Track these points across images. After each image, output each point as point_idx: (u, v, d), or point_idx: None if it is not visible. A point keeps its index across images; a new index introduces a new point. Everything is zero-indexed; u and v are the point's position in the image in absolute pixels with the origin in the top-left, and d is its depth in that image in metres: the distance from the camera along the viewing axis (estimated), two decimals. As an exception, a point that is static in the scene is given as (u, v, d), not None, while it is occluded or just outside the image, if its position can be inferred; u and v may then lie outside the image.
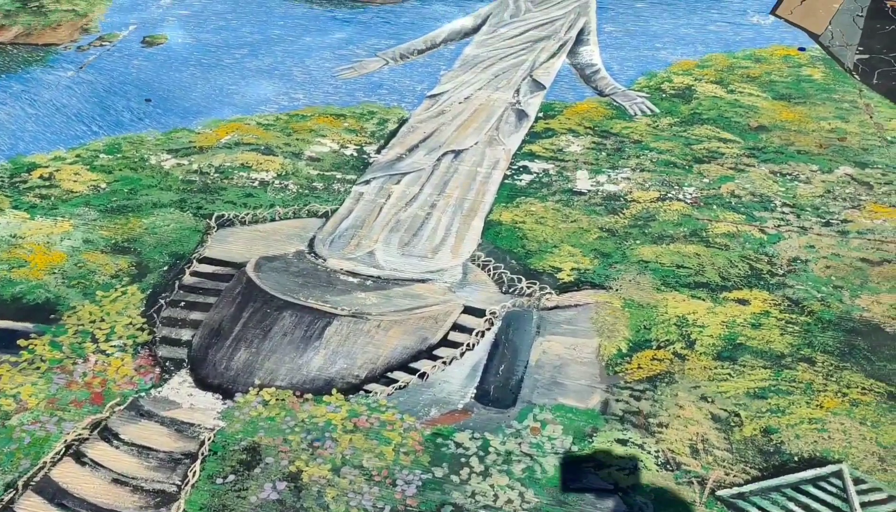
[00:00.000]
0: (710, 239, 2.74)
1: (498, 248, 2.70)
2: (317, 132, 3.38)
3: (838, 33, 4.27)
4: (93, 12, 4.46)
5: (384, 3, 4.67)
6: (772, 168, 3.14)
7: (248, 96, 3.65)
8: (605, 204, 2.92)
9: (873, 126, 3.42)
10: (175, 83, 3.75)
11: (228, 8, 4.55)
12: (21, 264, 2.59)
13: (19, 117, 3.45)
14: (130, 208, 2.88)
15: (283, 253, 2.66)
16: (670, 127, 3.42)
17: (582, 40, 4.19)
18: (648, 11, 4.53)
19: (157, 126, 3.41)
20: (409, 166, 3.13)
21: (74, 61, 3.94)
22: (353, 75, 3.86)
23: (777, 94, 3.67)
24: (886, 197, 2.96)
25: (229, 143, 3.29)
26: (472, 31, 4.31)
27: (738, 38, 4.23)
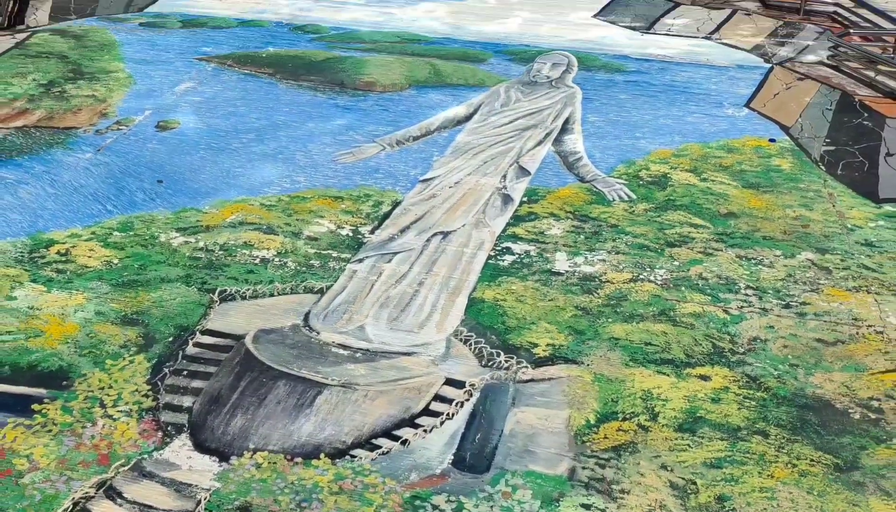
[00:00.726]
0: (677, 318, 2.95)
1: (480, 323, 2.91)
2: (316, 213, 3.62)
3: (808, 125, 4.57)
4: (111, 98, 4.78)
5: (383, 92, 4.99)
6: (738, 252, 3.36)
7: (253, 178, 3.91)
8: (581, 284, 3.14)
9: (836, 214, 3.67)
10: (186, 165, 4.02)
11: (238, 95, 4.87)
12: (37, 334, 2.80)
13: (40, 196, 3.71)
14: (140, 283, 3.10)
15: (280, 326, 2.87)
16: (646, 212, 3.67)
17: (567, 129, 4.48)
18: (630, 103, 4.84)
19: (168, 206, 3.66)
20: (400, 246, 3.36)
21: (93, 144, 4.23)
22: (352, 160, 4.13)
23: (747, 182, 3.94)
24: (844, 281, 3.18)
25: (234, 222, 3.53)
26: (465, 120, 4.61)
27: (713, 128, 4.52)
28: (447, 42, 5.83)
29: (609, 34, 6.00)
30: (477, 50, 5.67)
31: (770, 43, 5.81)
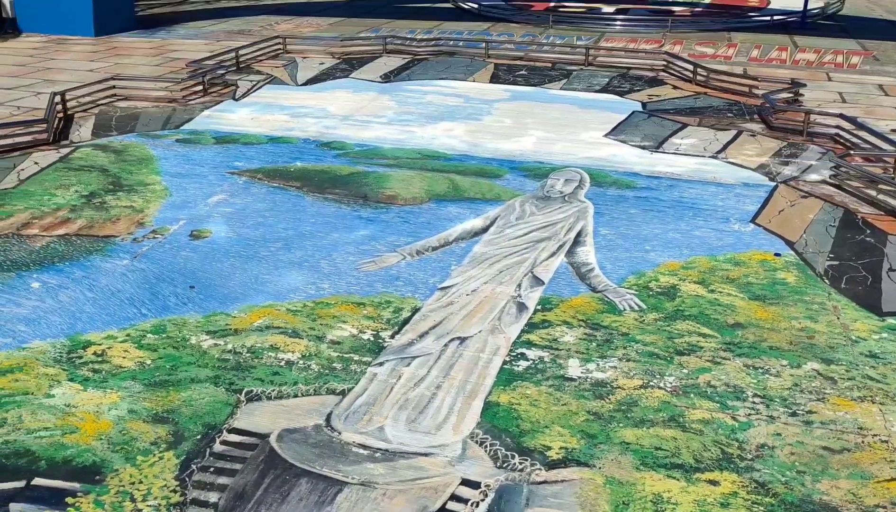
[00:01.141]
0: (686, 424, 3.04)
1: (495, 426, 3.02)
2: (339, 318, 3.79)
3: (812, 241, 4.74)
4: (148, 208, 5.07)
5: (404, 205, 5.25)
6: (745, 362, 3.48)
7: (279, 285, 4.11)
8: (593, 390, 3.26)
9: (840, 326, 3.79)
10: (216, 272, 4.23)
11: (267, 207, 5.15)
12: (73, 430, 2.93)
13: (79, 300, 3.92)
14: (171, 383, 3.25)
15: (304, 426, 2.99)
16: (655, 322, 3.81)
17: (579, 241, 4.69)
18: (640, 217, 5.06)
19: (199, 310, 3.85)
20: (418, 351, 3.51)
21: (130, 251, 4.47)
22: (374, 268, 4.34)
23: (753, 294, 4.08)
24: (849, 391, 3.28)
25: (261, 326, 3.71)
26: (482, 231, 4.84)
27: (720, 243, 4.71)
28: (465, 159, 6.14)
29: (619, 152, 6.30)
30: (493, 166, 5.97)
31: (775, 162, 6.07)
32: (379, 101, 7.75)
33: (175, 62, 9.43)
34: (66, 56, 9.87)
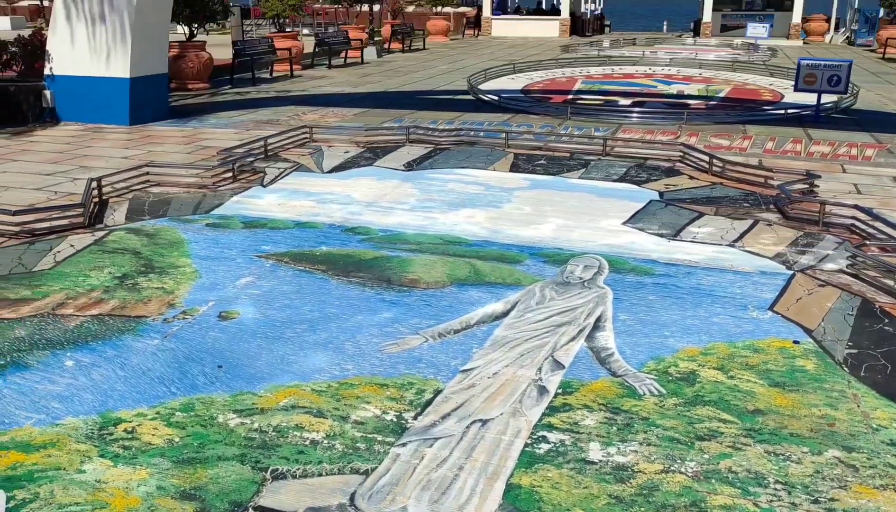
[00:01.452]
0: (708, 510, 3.05)
1: (517, 508, 3.04)
2: (363, 399, 3.86)
3: (830, 329, 4.79)
4: (178, 290, 5.22)
5: (427, 289, 5.37)
6: (766, 448, 3.49)
7: (305, 366, 4.20)
8: (614, 473, 3.28)
9: (860, 414, 3.80)
10: (244, 352, 4.34)
11: (293, 289, 5.29)
12: (103, 506, 3.00)
13: (111, 378, 4.02)
14: (198, 460, 3.32)
15: (328, 505, 3.03)
16: (675, 407, 3.84)
17: (599, 326, 4.76)
18: (659, 304, 5.14)
19: (227, 389, 3.94)
20: (441, 432, 3.56)
21: (160, 331, 4.60)
22: (397, 350, 4.42)
23: (773, 381, 4.11)
24: (871, 479, 3.27)
25: (287, 406, 3.78)
26: (503, 315, 4.93)
27: (738, 330, 4.77)
28: (486, 244, 6.29)
29: (638, 240, 6.43)
30: (513, 252, 6.11)
31: (791, 251, 6.16)
32: (402, 189, 7.98)
33: (206, 150, 9.79)
34: (101, 144, 10.28)
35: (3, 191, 7.75)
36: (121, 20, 11.37)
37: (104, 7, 11.37)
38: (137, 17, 11.38)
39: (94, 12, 11.44)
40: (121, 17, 11.36)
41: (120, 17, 11.36)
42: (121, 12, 11.34)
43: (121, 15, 11.35)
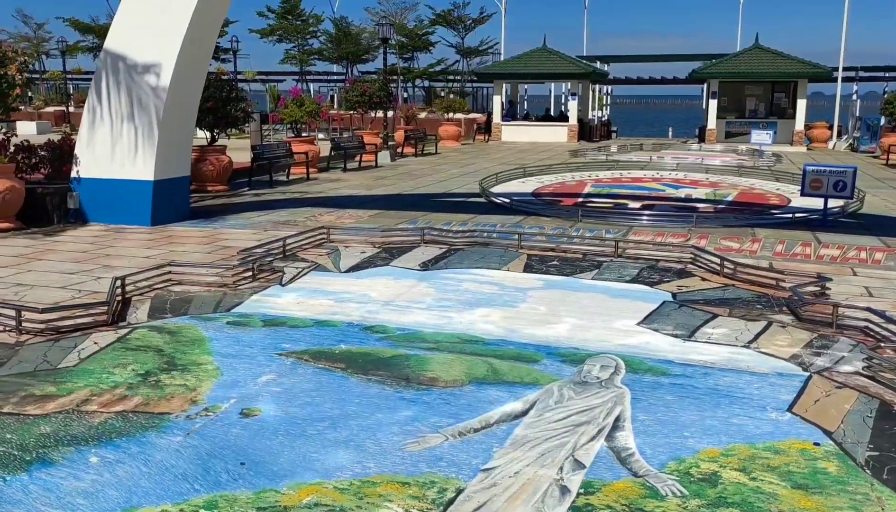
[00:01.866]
0: None
1: None
2: (385, 497, 3.87)
3: (850, 431, 4.78)
4: (201, 387, 5.29)
5: (445, 387, 5.41)
6: (792, 551, 3.46)
7: (327, 463, 4.22)
8: (640, 576, 3.25)
9: (886, 516, 3.77)
10: (266, 449, 4.37)
11: (313, 387, 5.34)
12: None
13: (134, 475, 4.05)
14: (222, 558, 3.31)
15: None
16: (699, 508, 3.83)
17: (618, 426, 4.78)
18: (677, 404, 5.16)
19: (249, 486, 3.95)
20: (464, 533, 3.54)
21: (183, 428, 4.64)
22: (418, 448, 4.44)
23: (795, 483, 4.10)
24: (901, 583, 3.23)
25: (310, 504, 3.79)
26: (522, 415, 4.95)
27: (758, 431, 4.77)
28: (503, 343, 6.36)
29: (653, 340, 6.49)
30: (530, 351, 6.17)
31: (807, 353, 6.20)
32: (418, 288, 8.11)
33: (226, 250, 10.02)
34: (124, 243, 10.54)
35: (28, 289, 7.93)
36: (148, 125, 11.85)
37: (133, 112, 11.87)
38: (164, 123, 11.86)
39: (122, 117, 11.94)
40: (148, 123, 11.85)
41: (147, 122, 11.85)
42: (149, 118, 11.83)
43: (148, 120, 11.84)
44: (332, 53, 48.95)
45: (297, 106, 22.34)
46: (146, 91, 11.78)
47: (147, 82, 11.77)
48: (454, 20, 47.48)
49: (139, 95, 11.81)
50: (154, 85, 11.74)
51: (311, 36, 49.69)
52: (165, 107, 11.77)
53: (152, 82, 11.74)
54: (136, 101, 11.83)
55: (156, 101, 11.76)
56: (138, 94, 11.81)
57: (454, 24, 47.72)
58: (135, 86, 11.81)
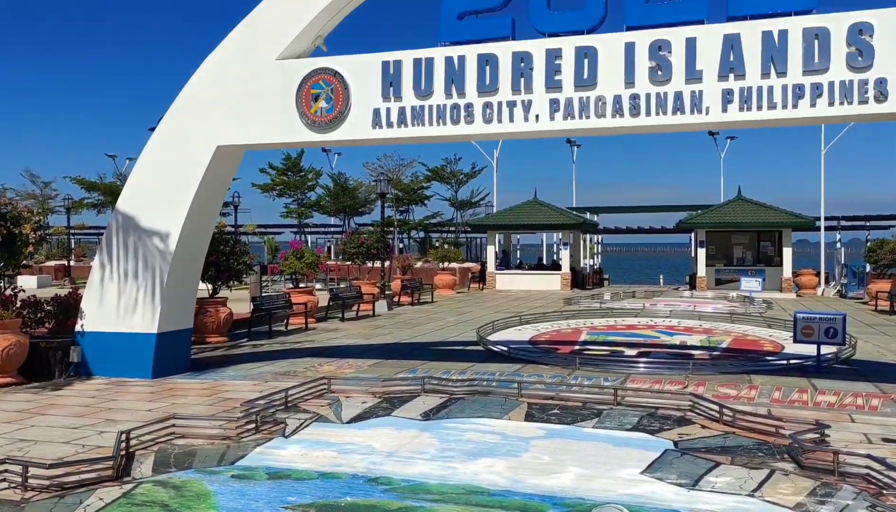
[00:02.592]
0: None
1: None
2: None
3: (861, 580, 4.76)
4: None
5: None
6: None
7: None
8: None
9: None
10: None
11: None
12: None
13: None
14: None
15: None
16: None
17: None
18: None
19: None
20: None
21: (191, 585, 4.58)
22: None
23: None
24: None
25: None
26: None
27: (768, 582, 4.74)
28: (508, 494, 6.36)
29: (657, 490, 6.50)
30: (536, 501, 6.17)
31: (811, 501, 6.21)
32: (421, 439, 8.14)
33: (227, 402, 10.07)
34: (126, 397, 10.58)
35: (32, 445, 7.93)
36: (154, 282, 12.16)
37: (139, 270, 12.22)
38: (170, 280, 12.19)
39: (129, 274, 12.27)
40: (154, 279, 12.16)
41: (153, 278, 12.16)
42: (154, 276, 12.16)
43: (154, 278, 12.16)
44: (330, 206, 50.54)
45: (297, 258, 22.92)
46: (153, 252, 12.17)
47: (154, 245, 12.17)
48: (447, 175, 49.45)
49: (146, 255, 12.18)
50: (161, 248, 12.14)
51: (310, 190, 51.54)
52: (171, 267, 12.13)
53: (160, 245, 12.15)
54: (143, 261, 12.20)
55: (161, 263, 12.13)
56: (145, 254, 12.20)
57: (447, 178, 49.67)
58: (142, 246, 12.21)
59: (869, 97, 9.37)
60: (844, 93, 9.45)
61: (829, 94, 9.51)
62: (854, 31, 9.42)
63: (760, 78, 9.77)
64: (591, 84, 10.46)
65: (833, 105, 9.52)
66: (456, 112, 11.04)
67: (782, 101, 9.68)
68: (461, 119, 11.03)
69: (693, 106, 10.03)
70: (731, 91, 9.88)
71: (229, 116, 12.05)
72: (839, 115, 9.75)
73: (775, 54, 9.69)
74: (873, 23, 9.36)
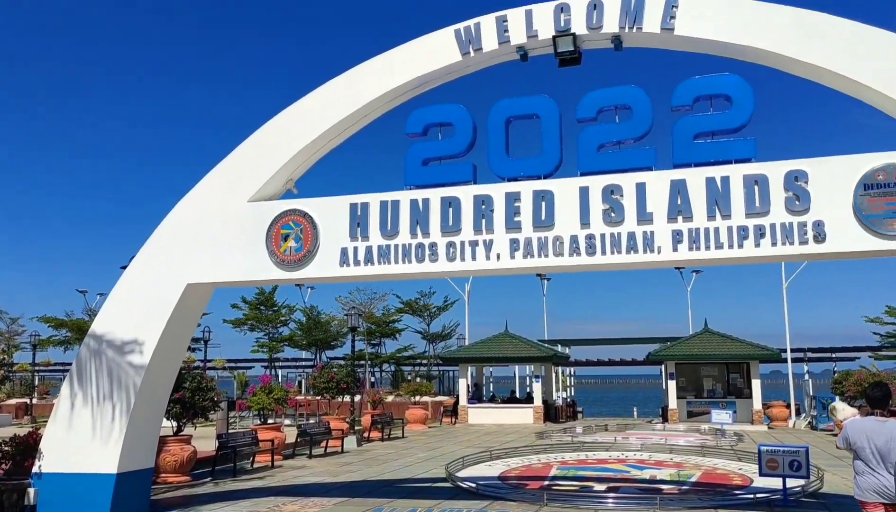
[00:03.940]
0: None
1: None
2: None
3: None
4: None
5: None
6: None
7: None
8: None
9: None
10: None
11: None
12: None
13: None
14: None
15: None
16: None
17: None
18: None
19: None
20: None
21: None
22: None
23: None
24: None
25: None
26: None
27: None
28: None
29: None
30: None
31: None
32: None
33: (185, 545, 9.80)
34: (80, 540, 10.25)
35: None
36: (116, 417, 12.04)
37: (103, 403, 12.12)
38: (133, 417, 12.08)
39: (92, 408, 12.15)
40: (116, 414, 12.04)
41: (116, 413, 12.05)
42: (117, 409, 12.06)
43: (116, 412, 12.05)
44: (302, 340, 50.34)
45: (266, 393, 22.71)
46: (118, 388, 12.12)
47: (120, 381, 12.17)
48: (419, 308, 49.82)
49: (111, 392, 12.14)
50: (126, 385, 12.11)
51: (283, 324, 51.45)
52: (135, 403, 12.07)
53: (125, 382, 12.13)
54: (107, 397, 12.14)
55: (126, 399, 12.07)
56: (110, 390, 12.16)
57: (419, 311, 50.00)
58: (107, 383, 12.16)
59: (808, 238, 9.93)
60: (786, 234, 10.02)
61: (771, 235, 10.07)
62: (791, 177, 10.10)
63: (707, 220, 10.34)
64: (548, 225, 10.98)
65: (776, 245, 10.07)
66: (421, 251, 11.46)
67: (728, 241, 10.22)
68: (426, 257, 11.43)
69: (645, 245, 10.53)
70: (681, 231, 10.42)
71: (200, 255, 12.38)
72: (782, 255, 10.27)
73: (719, 198, 10.31)
74: (807, 170, 10.07)
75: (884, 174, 9.72)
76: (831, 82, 10.43)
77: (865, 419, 7.54)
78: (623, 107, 10.96)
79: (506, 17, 11.46)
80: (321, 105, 12.26)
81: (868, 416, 7.74)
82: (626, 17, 10.91)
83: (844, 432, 7.47)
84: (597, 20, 11.05)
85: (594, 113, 11.07)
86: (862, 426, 7.33)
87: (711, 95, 10.62)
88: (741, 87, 10.47)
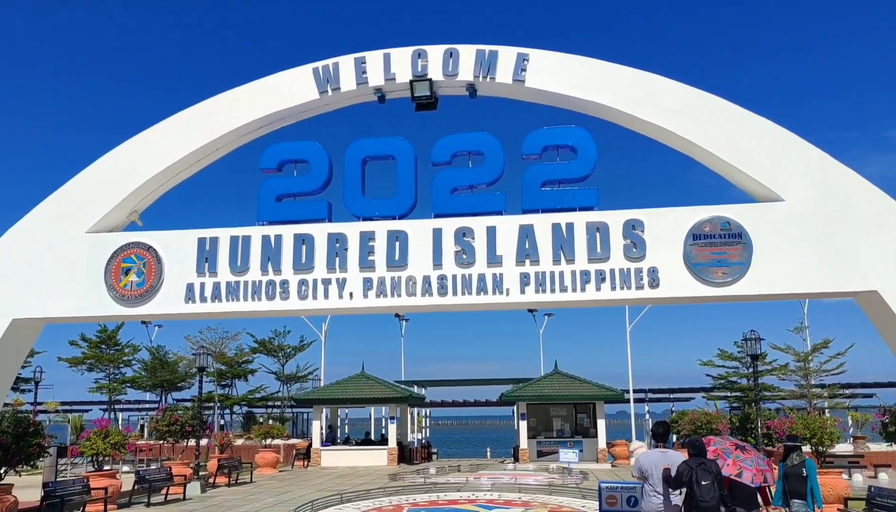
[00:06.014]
0: None
1: None
2: None
3: None
4: None
5: None
6: None
7: None
8: None
9: None
10: None
11: None
12: None
13: None
14: None
15: None
16: None
17: None
18: None
19: None
20: None
21: None
22: None
23: None
24: None
25: None
26: None
27: None
28: None
29: None
30: None
31: None
32: None
33: None
34: None
35: None
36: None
37: None
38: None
39: None
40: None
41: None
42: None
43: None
44: (147, 381, 47.62)
45: (101, 438, 21.28)
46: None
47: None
48: (274, 348, 48.46)
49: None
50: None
51: (126, 365, 48.49)
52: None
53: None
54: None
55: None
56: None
57: (274, 351, 48.64)
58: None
59: (644, 283, 10.53)
60: (624, 279, 10.57)
61: (611, 279, 10.60)
62: (628, 226, 10.71)
63: (553, 263, 10.75)
64: (402, 265, 11.04)
65: (615, 289, 10.59)
66: (272, 288, 11.21)
67: (572, 284, 10.65)
68: (276, 295, 11.19)
69: (495, 287, 10.80)
70: (528, 274, 10.77)
71: (28, 288, 11.53)
72: (621, 299, 10.81)
73: (564, 244, 10.76)
74: (643, 220, 10.71)
75: (710, 226, 10.50)
76: (665, 139, 11.20)
77: (652, 451, 9.44)
78: (476, 153, 11.28)
79: (364, 58, 11.58)
80: (170, 137, 11.84)
81: (654, 448, 9.61)
82: (481, 67, 11.30)
83: (637, 462, 9.31)
84: (452, 68, 11.37)
85: (448, 157, 11.32)
86: (649, 457, 9.24)
87: (559, 145, 11.14)
88: (585, 139, 11.05)
